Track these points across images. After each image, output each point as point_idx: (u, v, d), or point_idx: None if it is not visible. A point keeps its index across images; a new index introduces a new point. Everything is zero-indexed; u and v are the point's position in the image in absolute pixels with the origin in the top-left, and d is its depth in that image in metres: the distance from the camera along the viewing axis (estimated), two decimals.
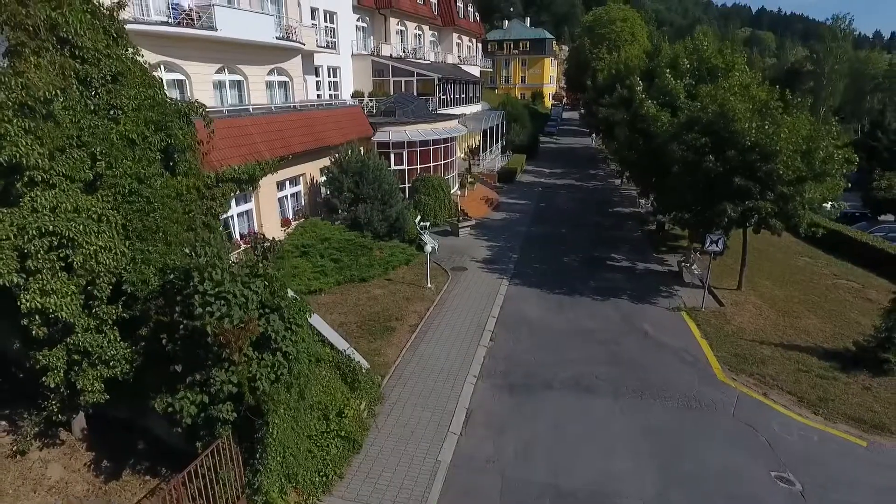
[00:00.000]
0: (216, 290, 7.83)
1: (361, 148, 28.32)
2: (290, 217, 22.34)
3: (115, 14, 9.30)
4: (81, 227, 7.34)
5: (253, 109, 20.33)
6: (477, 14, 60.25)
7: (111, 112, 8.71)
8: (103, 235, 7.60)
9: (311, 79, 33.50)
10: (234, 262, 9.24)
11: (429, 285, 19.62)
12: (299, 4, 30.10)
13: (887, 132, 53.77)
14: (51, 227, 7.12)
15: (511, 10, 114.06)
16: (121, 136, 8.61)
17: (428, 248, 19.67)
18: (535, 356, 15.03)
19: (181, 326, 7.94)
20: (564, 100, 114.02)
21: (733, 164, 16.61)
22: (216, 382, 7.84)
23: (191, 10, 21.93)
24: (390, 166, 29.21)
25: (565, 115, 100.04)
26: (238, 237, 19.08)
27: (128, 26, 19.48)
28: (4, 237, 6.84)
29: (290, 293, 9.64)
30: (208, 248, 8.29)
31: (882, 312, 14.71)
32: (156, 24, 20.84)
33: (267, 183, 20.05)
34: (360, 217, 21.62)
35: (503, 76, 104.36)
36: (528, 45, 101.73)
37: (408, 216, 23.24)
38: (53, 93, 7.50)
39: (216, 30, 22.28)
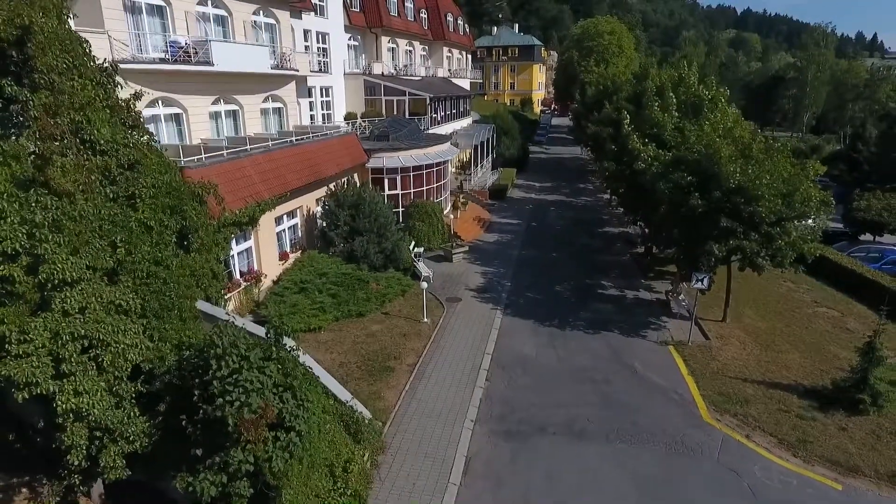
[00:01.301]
0: (234, 376, 8.32)
1: (357, 179, 28.84)
2: (288, 250, 22.77)
3: (131, 105, 9.73)
4: (110, 327, 7.80)
5: (251, 147, 20.67)
6: (467, 26, 60.79)
7: (129, 199, 9.16)
8: (129, 333, 8.07)
9: (305, 101, 33.89)
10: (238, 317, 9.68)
11: (425, 319, 20.16)
12: (293, 29, 30.47)
13: (868, 144, 55.03)
14: (82, 330, 7.57)
15: (500, 15, 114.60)
16: (139, 223, 9.07)
17: (424, 286, 20.17)
18: (530, 398, 15.64)
19: (201, 411, 8.42)
20: (553, 105, 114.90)
21: (719, 204, 17.33)
22: (234, 462, 8.34)
23: (187, 45, 22.28)
24: (384, 191, 29.83)
25: (554, 121, 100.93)
26: (238, 275, 19.50)
27: (127, 65, 19.95)
28: (41, 345, 7.29)
29: (294, 347, 10.00)
30: (225, 337, 8.75)
31: (858, 352, 15.45)
32: (154, 62, 21.17)
33: (265, 220, 20.47)
34: (356, 250, 22.10)
35: (493, 82, 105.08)
36: (516, 52, 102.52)
37: (403, 247, 23.74)
38: (78, 190, 7.94)
39: (213, 64, 22.68)
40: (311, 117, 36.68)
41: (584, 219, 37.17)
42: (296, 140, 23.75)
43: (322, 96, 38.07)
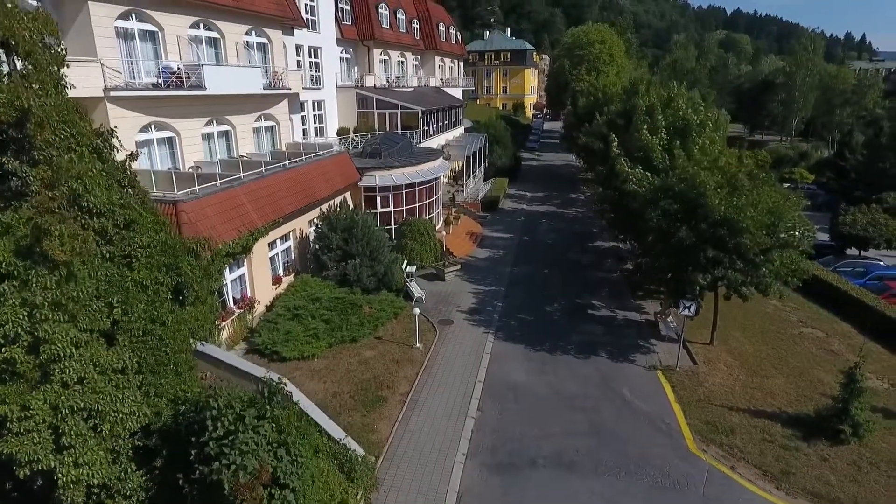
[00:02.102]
0: (230, 438, 8.53)
1: (350, 199, 29.03)
2: (281, 274, 22.94)
3: (127, 165, 9.90)
4: (109, 397, 7.99)
5: (244, 175, 20.76)
6: (458, 34, 60.99)
7: (125, 259, 9.34)
8: (128, 401, 8.26)
9: (297, 118, 34.03)
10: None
11: (417, 345, 20.39)
12: (284, 46, 30.59)
13: (855, 153, 55.73)
14: (81, 402, 7.75)
15: (492, 20, 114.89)
16: (135, 282, 9.25)
17: (416, 311, 20.40)
18: (521, 429, 15.91)
19: (197, 471, 8.63)
20: (545, 109, 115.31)
21: (705, 235, 17.67)
22: None
23: (179, 70, 22.39)
24: (377, 209, 30.04)
25: (546, 125, 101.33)
26: (231, 303, 19.65)
27: (120, 93, 20.03)
28: (41, 420, 7.47)
29: (284, 383, 10.15)
30: (220, 398, 8.94)
31: (840, 383, 15.82)
32: (147, 87, 21.27)
33: (259, 245, 20.63)
34: (349, 274, 22.30)
35: (485, 86, 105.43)
36: (508, 56, 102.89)
37: (395, 269, 23.95)
38: (74, 258, 8.12)
39: (205, 89, 22.81)
40: (304, 132, 36.86)
41: (575, 231, 37.53)
42: (289, 163, 23.86)
43: (315, 110, 38.25)
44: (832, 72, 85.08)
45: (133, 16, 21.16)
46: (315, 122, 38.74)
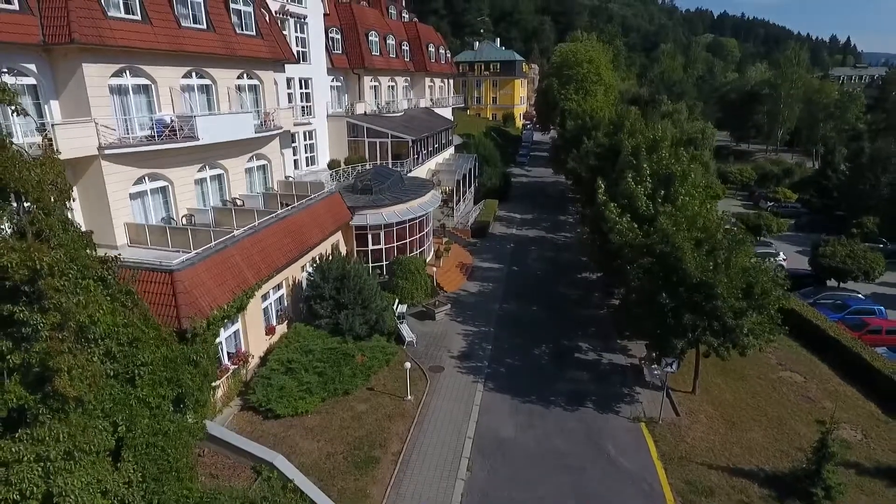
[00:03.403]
0: None
1: (341, 241, 29.46)
2: (275, 323, 23.33)
3: (131, 289, 10.33)
4: None
5: (238, 231, 21.06)
6: (448, 53, 61.45)
7: (129, 376, 9.77)
8: None
9: (289, 152, 34.39)
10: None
11: (409, 397, 20.89)
12: (276, 83, 30.91)
13: (837, 172, 56.91)
14: None
15: (482, 30, 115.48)
16: (139, 399, 9.69)
17: (407, 365, 20.87)
18: (509, 492, 16.49)
19: None
20: (535, 119, 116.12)
21: (682, 299, 18.33)
22: None
23: (173, 122, 22.75)
24: (368, 246, 30.52)
25: (536, 136, 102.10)
26: (226, 360, 20.02)
27: (114, 150, 20.36)
28: None
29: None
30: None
31: (816, 438, 16.52)
32: (141, 142, 21.58)
33: (252, 300, 21.01)
34: (341, 323, 22.73)
35: (475, 97, 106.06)
36: (498, 67, 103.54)
37: (387, 316, 24.42)
38: (84, 393, 8.56)
39: (198, 139, 23.16)
40: (295, 162, 37.23)
41: (563, 261, 38.16)
42: (281, 212, 24.19)
43: (306, 140, 38.65)
44: (816, 86, 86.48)
45: (127, 72, 21.48)
46: (306, 152, 39.17)
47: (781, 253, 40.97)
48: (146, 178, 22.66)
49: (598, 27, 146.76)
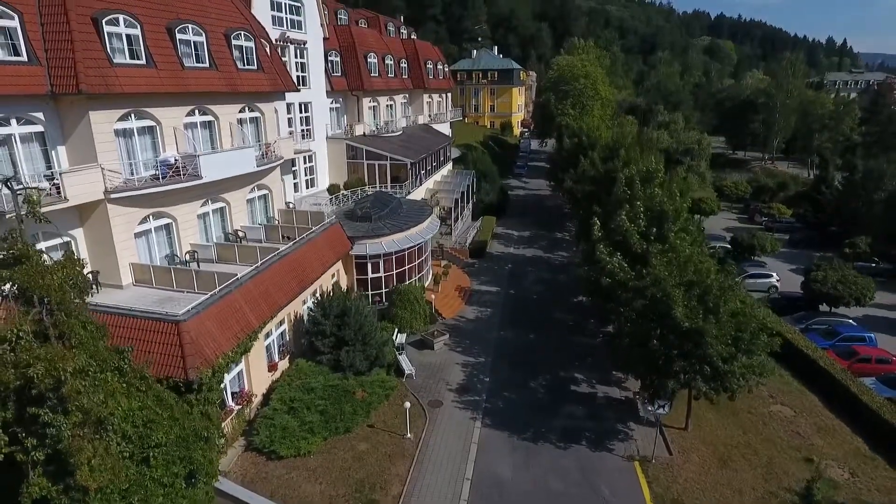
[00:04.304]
0: None
1: (342, 271, 29.93)
2: (277, 359, 23.79)
3: (146, 373, 10.80)
4: None
5: (241, 273, 21.48)
6: (446, 67, 61.89)
7: (143, 455, 10.26)
8: None
9: (289, 178, 34.87)
10: None
11: (408, 434, 21.39)
12: (276, 111, 31.33)
13: (831, 188, 57.55)
14: None
15: (479, 38, 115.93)
16: (153, 480, 10.17)
17: (407, 405, 21.36)
18: None
19: None
20: (533, 127, 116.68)
21: (673, 346, 18.87)
22: None
23: (177, 161, 23.16)
24: (367, 275, 30.98)
25: (534, 144, 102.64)
26: (230, 401, 20.50)
27: (120, 194, 20.79)
28: None
29: None
30: None
31: (802, 488, 17.11)
32: (145, 183, 21.98)
33: (255, 342, 21.47)
34: (342, 360, 23.21)
35: (473, 105, 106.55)
36: (496, 76, 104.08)
37: (386, 351, 24.91)
38: (105, 483, 9.04)
39: (201, 178, 23.57)
40: (295, 186, 37.71)
41: (560, 283, 38.69)
42: (283, 249, 24.59)
43: (305, 163, 39.10)
44: (811, 97, 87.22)
45: (132, 115, 21.91)
46: (306, 175, 39.65)
47: (775, 274, 41.61)
48: (150, 216, 23.08)
49: (596, 33, 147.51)
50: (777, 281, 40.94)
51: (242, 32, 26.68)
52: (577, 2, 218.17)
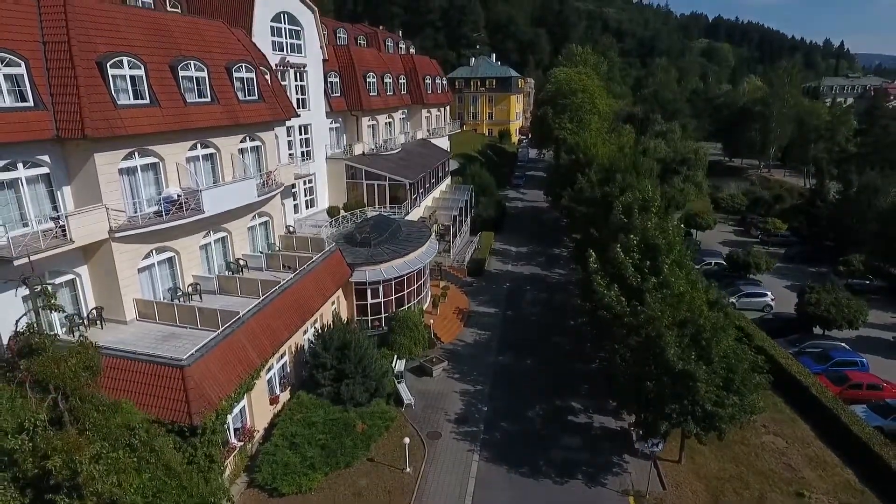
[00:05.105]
0: None
1: (342, 298, 30.30)
2: (278, 392, 24.17)
3: (154, 443, 11.19)
4: None
5: (244, 313, 21.79)
6: (444, 81, 62.25)
7: None
8: None
9: (289, 201, 35.21)
10: None
11: (408, 469, 21.79)
12: (276, 137, 31.68)
13: (826, 202, 58.04)
14: None
15: (477, 46, 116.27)
16: None
17: (406, 440, 21.73)
18: None
19: None
20: (530, 134, 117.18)
21: (666, 387, 19.29)
22: None
23: (179, 197, 23.50)
24: (367, 300, 31.35)
25: (532, 152, 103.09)
26: (233, 438, 20.86)
27: (124, 233, 21.13)
28: None
29: None
30: None
31: None
32: (150, 222, 22.28)
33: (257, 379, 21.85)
34: (343, 394, 23.59)
35: (471, 112, 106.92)
36: (494, 83, 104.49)
37: (386, 383, 25.31)
38: None
39: (204, 212, 23.93)
40: (295, 207, 38.10)
41: (557, 304, 39.09)
42: (284, 283, 24.91)
43: (305, 184, 39.49)
44: (807, 107, 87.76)
45: (136, 153, 22.25)
46: (306, 195, 40.05)
47: (769, 293, 42.02)
48: (154, 251, 23.42)
49: (594, 38, 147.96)
50: (772, 300, 41.39)
51: (244, 64, 27.05)
52: (575, 4, 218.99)
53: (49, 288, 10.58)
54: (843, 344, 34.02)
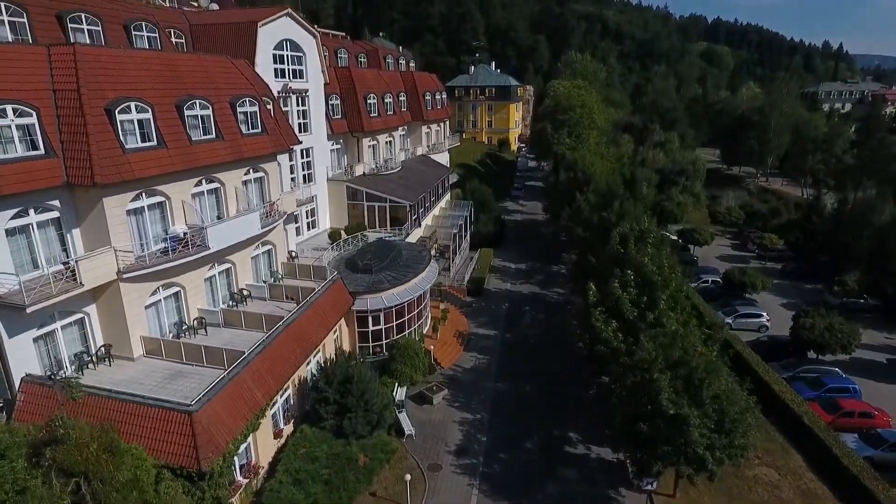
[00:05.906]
0: None
1: (344, 329, 30.77)
2: (282, 425, 24.65)
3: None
4: None
5: (249, 351, 22.24)
6: (444, 96, 62.67)
7: None
8: None
9: (291, 227, 35.69)
10: None
11: None
12: (279, 164, 32.12)
13: (822, 218, 58.57)
14: None
15: (477, 55, 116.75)
16: None
17: (408, 477, 22.22)
18: None
19: None
20: (529, 143, 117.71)
21: (660, 429, 19.84)
22: None
23: (185, 235, 23.97)
24: (369, 328, 31.83)
25: (531, 162, 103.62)
26: (239, 475, 21.35)
27: (132, 273, 21.58)
28: None
29: None
30: None
31: None
32: (157, 261, 22.71)
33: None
34: (345, 428, 24.09)
35: (470, 120, 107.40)
36: (493, 92, 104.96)
37: (387, 415, 25.82)
38: None
39: (209, 248, 24.39)
40: (297, 230, 38.60)
41: (555, 325, 39.60)
42: (287, 318, 25.33)
43: (307, 205, 39.95)
44: (805, 118, 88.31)
45: (143, 194, 22.68)
46: (307, 217, 40.55)
47: (765, 314, 42.55)
48: (160, 287, 23.89)
49: (593, 43, 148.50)
50: (767, 321, 41.93)
51: (247, 98, 27.49)
52: (574, 6, 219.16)
53: (73, 381, 10.94)
54: (836, 369, 34.52)
